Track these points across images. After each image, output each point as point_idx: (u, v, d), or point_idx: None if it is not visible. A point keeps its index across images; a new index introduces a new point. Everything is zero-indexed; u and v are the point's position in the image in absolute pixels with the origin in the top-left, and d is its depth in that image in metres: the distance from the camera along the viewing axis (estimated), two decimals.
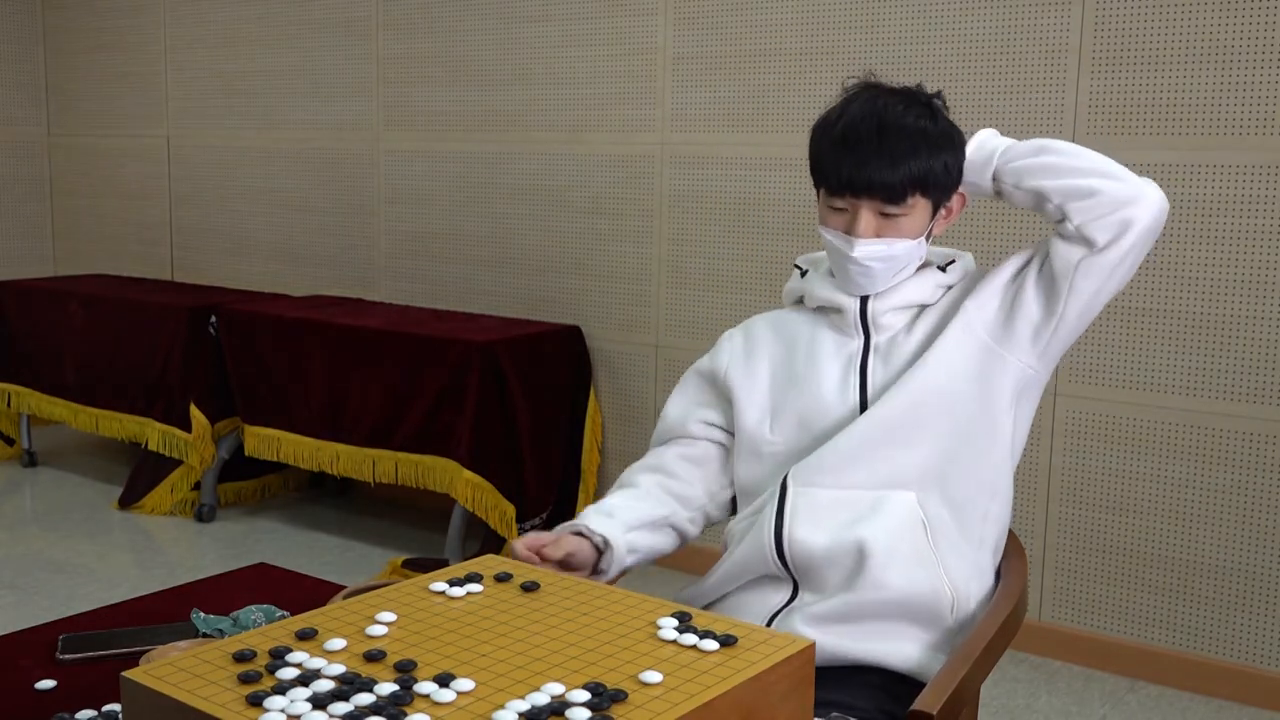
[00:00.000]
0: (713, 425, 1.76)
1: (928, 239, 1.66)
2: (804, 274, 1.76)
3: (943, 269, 1.68)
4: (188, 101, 5.03)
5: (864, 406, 1.63)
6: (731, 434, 1.75)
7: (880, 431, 1.59)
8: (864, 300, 1.66)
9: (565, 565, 1.56)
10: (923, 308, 1.67)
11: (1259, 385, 2.89)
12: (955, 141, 1.63)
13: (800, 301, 1.77)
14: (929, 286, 1.67)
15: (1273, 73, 2.81)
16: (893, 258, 1.61)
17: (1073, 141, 3.05)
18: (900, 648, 1.57)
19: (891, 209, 1.59)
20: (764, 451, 1.68)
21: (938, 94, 1.66)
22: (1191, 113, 2.91)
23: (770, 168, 3.55)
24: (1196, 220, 2.92)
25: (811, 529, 1.58)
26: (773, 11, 3.50)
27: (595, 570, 1.62)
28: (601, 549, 1.62)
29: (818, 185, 1.65)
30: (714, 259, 3.68)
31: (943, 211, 1.66)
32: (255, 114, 4.80)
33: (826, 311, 1.71)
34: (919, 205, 1.61)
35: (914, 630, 1.58)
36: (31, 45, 5.51)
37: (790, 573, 1.61)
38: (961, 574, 1.60)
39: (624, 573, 1.66)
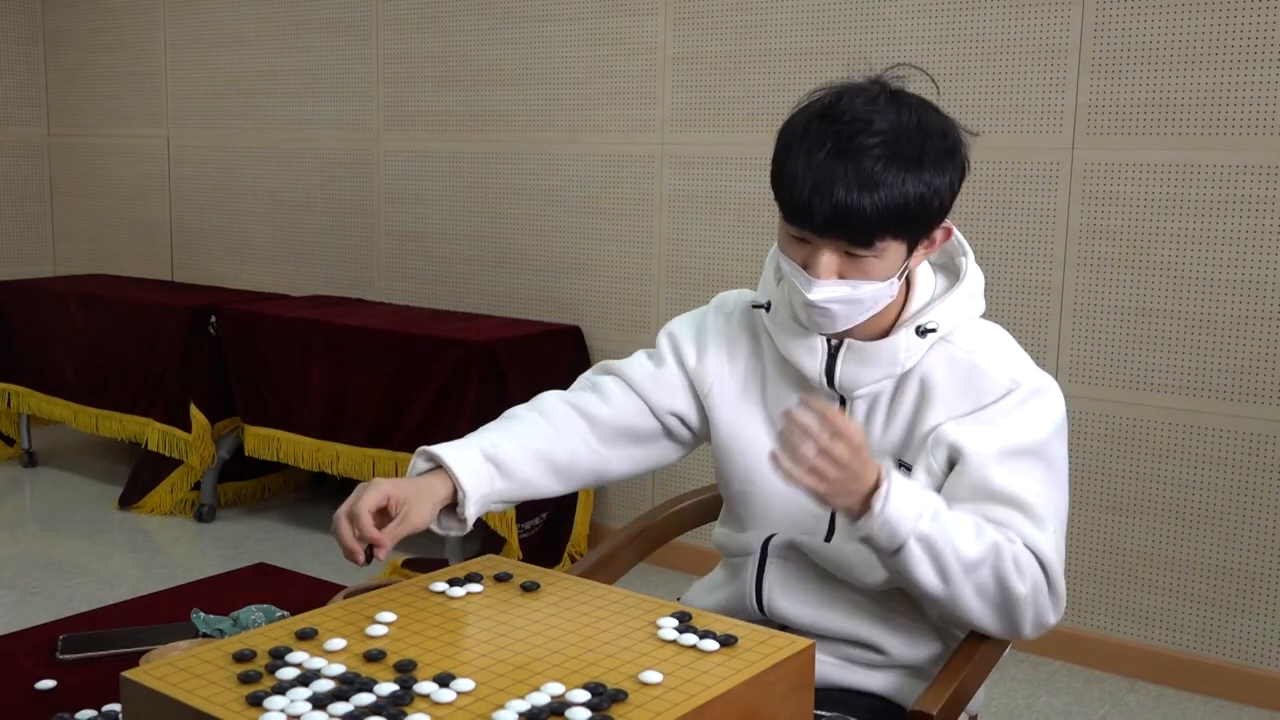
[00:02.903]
0: (677, 416, 1.60)
1: (901, 276, 1.44)
2: (768, 308, 1.56)
3: (921, 333, 1.46)
4: (188, 101, 5.03)
5: None
6: (692, 431, 1.62)
7: (860, 555, 1.49)
8: (830, 366, 1.48)
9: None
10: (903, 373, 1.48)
11: (1259, 385, 2.89)
12: (946, 167, 1.39)
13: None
14: (901, 354, 1.46)
15: (1273, 73, 2.81)
16: (857, 301, 1.41)
17: (1072, 143, 3.06)
18: (902, 687, 1.55)
19: (857, 250, 1.38)
20: (743, 485, 1.58)
21: (931, 108, 1.41)
22: (1191, 113, 2.91)
23: (770, 168, 3.54)
24: (1196, 220, 2.92)
25: (789, 602, 1.54)
26: (773, 11, 3.50)
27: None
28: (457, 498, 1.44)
29: (778, 204, 1.44)
30: (714, 259, 3.68)
31: (923, 246, 1.45)
32: (255, 114, 4.80)
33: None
34: (891, 247, 1.39)
35: (917, 677, 1.55)
36: (31, 45, 5.51)
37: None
38: (956, 630, 1.56)
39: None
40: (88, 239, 5.53)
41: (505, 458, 1.48)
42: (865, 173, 1.34)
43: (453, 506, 1.45)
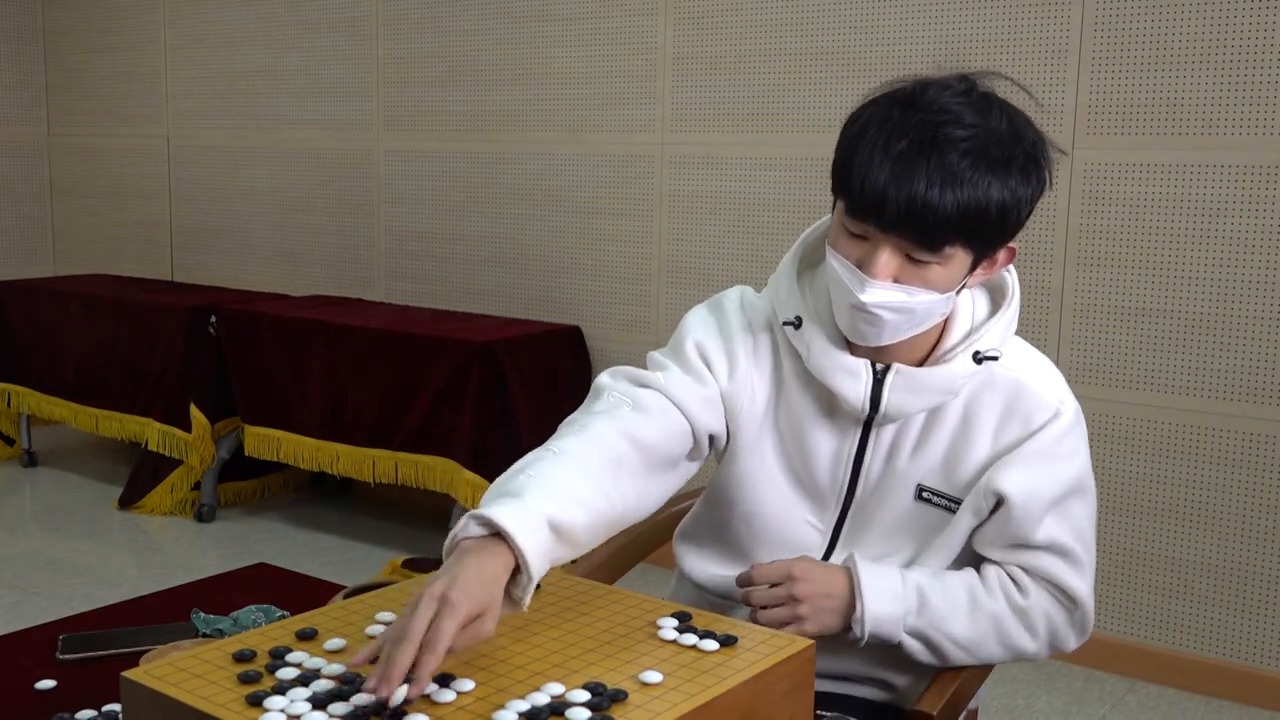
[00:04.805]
0: (711, 436, 1.47)
1: (958, 292, 1.36)
2: (799, 325, 1.43)
3: (978, 359, 1.38)
4: (188, 101, 5.03)
5: (852, 486, 1.47)
6: (713, 450, 1.51)
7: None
8: (876, 393, 1.40)
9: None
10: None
11: (1259, 385, 2.89)
12: (1032, 178, 1.31)
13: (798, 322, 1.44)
14: (958, 382, 1.39)
15: (1273, 73, 2.81)
16: (909, 310, 1.31)
17: (1072, 143, 3.06)
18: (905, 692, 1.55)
19: (922, 254, 1.29)
20: (750, 509, 1.50)
21: (1024, 116, 1.34)
22: (1191, 113, 2.91)
23: (770, 168, 3.55)
24: (1196, 220, 2.92)
25: None
26: (773, 11, 3.50)
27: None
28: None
29: (836, 194, 1.34)
30: (714, 259, 3.68)
31: (985, 263, 1.36)
32: (255, 114, 4.80)
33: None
34: (957, 256, 1.30)
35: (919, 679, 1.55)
36: (31, 45, 5.51)
37: None
38: None
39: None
40: (88, 239, 5.53)
41: (568, 524, 1.18)
42: (950, 168, 1.25)
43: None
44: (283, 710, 0.98)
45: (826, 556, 1.50)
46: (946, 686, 1.41)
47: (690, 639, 1.13)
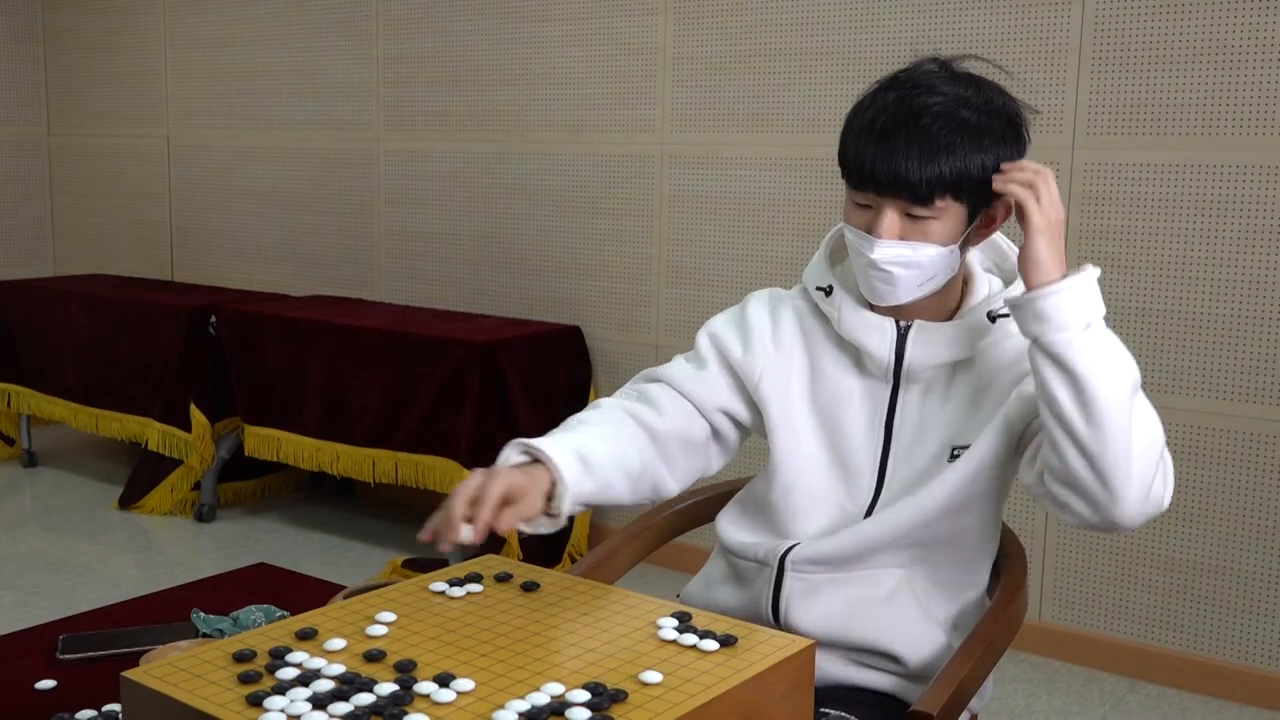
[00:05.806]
0: (726, 414, 1.59)
1: (963, 248, 1.47)
2: (829, 292, 1.55)
3: (992, 318, 1.49)
4: (188, 101, 5.03)
5: (885, 454, 1.53)
6: (741, 429, 1.61)
7: (886, 537, 1.49)
8: (900, 348, 1.50)
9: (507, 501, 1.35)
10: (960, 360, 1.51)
11: (1259, 385, 2.89)
12: (1007, 138, 1.43)
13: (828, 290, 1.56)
14: (975, 337, 1.49)
15: (1273, 73, 2.81)
16: (917, 264, 1.43)
17: (1072, 143, 3.06)
18: (908, 685, 1.55)
19: (918, 210, 1.41)
20: (789, 482, 1.56)
21: (994, 85, 1.45)
22: (1191, 113, 2.91)
23: (770, 168, 3.55)
24: (1196, 220, 2.92)
25: (807, 616, 1.52)
26: (773, 11, 3.50)
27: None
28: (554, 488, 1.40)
29: (843, 175, 1.48)
30: (714, 259, 3.68)
31: (983, 217, 1.47)
32: (255, 114, 4.80)
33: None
34: (951, 209, 1.42)
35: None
36: (31, 45, 5.51)
37: None
38: (961, 627, 1.57)
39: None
40: (88, 239, 5.53)
41: (590, 456, 1.44)
42: (925, 129, 1.39)
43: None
44: (283, 710, 0.99)
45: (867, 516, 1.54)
46: (947, 686, 1.41)
47: (690, 639, 1.13)
